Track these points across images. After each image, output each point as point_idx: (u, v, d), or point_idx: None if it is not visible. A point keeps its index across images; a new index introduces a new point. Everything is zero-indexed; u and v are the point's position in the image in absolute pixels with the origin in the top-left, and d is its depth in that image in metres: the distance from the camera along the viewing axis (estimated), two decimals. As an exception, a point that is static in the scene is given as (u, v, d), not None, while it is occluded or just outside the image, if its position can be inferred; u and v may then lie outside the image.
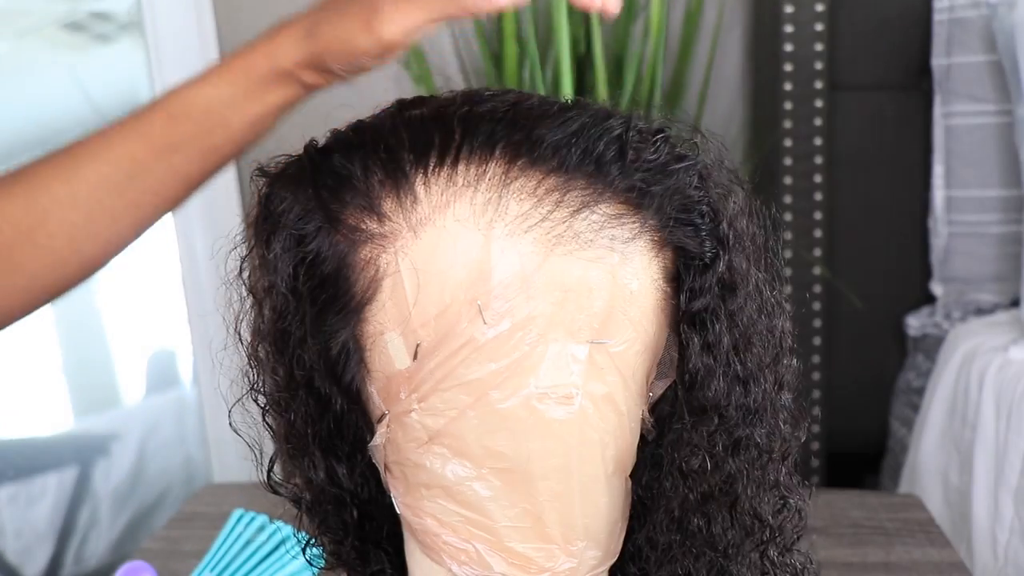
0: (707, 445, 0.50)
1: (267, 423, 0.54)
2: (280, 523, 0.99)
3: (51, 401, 2.12)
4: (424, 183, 0.46)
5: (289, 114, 0.58)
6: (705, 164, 0.50)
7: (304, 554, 0.58)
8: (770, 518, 0.53)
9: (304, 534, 0.57)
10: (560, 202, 0.45)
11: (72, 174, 0.53)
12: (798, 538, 0.56)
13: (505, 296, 0.45)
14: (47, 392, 2.11)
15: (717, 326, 0.49)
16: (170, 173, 0.53)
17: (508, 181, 0.45)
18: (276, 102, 0.52)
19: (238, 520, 1.01)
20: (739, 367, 0.50)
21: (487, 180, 0.46)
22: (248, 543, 0.99)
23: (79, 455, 2.04)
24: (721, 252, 0.49)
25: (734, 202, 0.51)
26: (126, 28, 1.99)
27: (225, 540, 0.99)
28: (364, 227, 0.47)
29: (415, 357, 0.46)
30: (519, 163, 0.46)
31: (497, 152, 0.46)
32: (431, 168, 0.46)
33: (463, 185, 0.46)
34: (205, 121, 0.52)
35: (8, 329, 0.59)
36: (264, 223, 0.50)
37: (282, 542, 0.97)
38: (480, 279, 0.45)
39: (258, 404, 0.54)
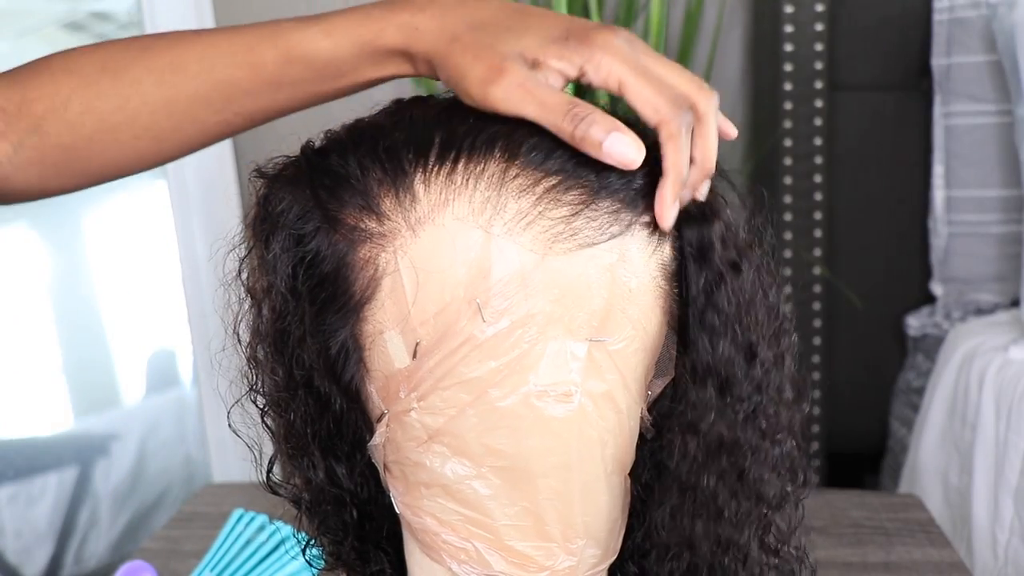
0: (717, 415, 0.50)
1: (266, 424, 0.54)
2: (280, 523, 0.99)
3: (51, 401, 2.11)
4: (423, 182, 0.46)
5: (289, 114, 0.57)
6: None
7: (304, 554, 0.58)
8: (772, 499, 0.53)
9: (304, 534, 0.57)
10: (559, 200, 0.45)
11: (171, 85, 0.53)
12: (799, 524, 0.56)
13: (504, 294, 0.45)
14: (47, 392, 2.10)
15: (718, 321, 0.49)
16: (271, 104, 0.54)
17: (507, 179, 0.45)
18: (395, 72, 0.51)
19: (238, 520, 1.01)
20: (742, 336, 0.50)
21: (486, 179, 0.46)
22: (248, 543, 0.99)
23: (79, 455, 2.04)
24: (718, 245, 0.49)
25: (729, 202, 0.51)
26: (126, 28, 1.99)
27: (225, 540, 0.99)
28: (363, 226, 0.47)
29: (414, 356, 0.47)
30: (518, 162, 0.46)
31: (497, 151, 0.46)
32: (430, 167, 0.46)
33: (462, 184, 0.46)
34: (322, 71, 0.51)
35: (8, 329, 0.59)
36: (263, 224, 0.50)
37: (282, 542, 0.97)
38: (479, 277, 0.45)
39: (257, 405, 0.54)
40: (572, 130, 0.45)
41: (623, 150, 0.45)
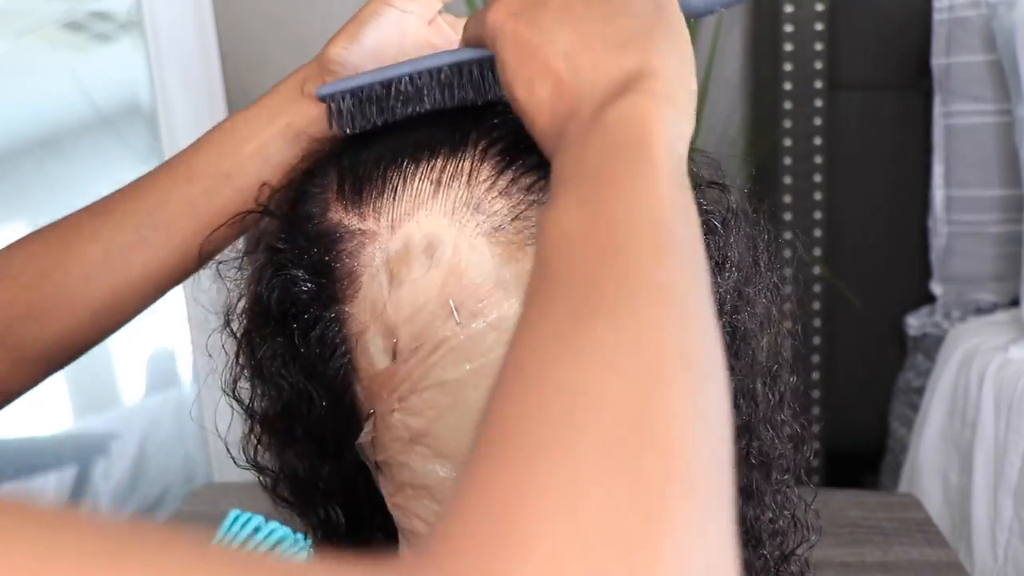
0: None
1: (254, 418, 0.54)
2: (276, 524, 0.99)
3: (51, 401, 2.11)
4: (402, 181, 0.46)
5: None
6: (698, 172, 0.50)
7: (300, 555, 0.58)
8: (769, 524, 0.53)
9: (300, 535, 0.57)
10: (535, 201, 0.45)
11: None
12: (797, 546, 0.55)
13: (478, 295, 0.45)
14: (47, 392, 2.10)
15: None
16: None
17: (483, 179, 0.45)
18: None
19: (234, 521, 1.01)
20: (736, 378, 0.50)
21: (462, 178, 0.46)
22: (243, 545, 0.98)
23: (79, 455, 2.04)
24: (712, 256, 0.49)
25: (728, 206, 0.51)
26: (126, 28, 1.99)
27: (221, 541, 0.99)
28: (345, 223, 0.47)
29: (394, 357, 0.46)
30: (495, 161, 0.46)
31: (475, 151, 0.46)
32: (407, 166, 0.46)
33: (439, 183, 0.46)
34: None
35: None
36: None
37: (278, 543, 0.97)
38: (453, 278, 0.45)
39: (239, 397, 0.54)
40: None
41: None
